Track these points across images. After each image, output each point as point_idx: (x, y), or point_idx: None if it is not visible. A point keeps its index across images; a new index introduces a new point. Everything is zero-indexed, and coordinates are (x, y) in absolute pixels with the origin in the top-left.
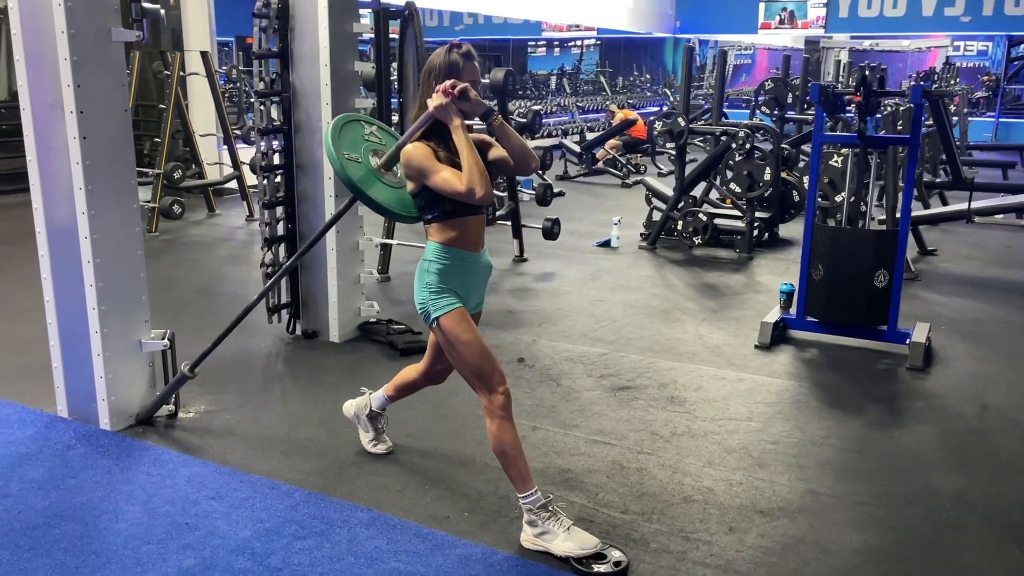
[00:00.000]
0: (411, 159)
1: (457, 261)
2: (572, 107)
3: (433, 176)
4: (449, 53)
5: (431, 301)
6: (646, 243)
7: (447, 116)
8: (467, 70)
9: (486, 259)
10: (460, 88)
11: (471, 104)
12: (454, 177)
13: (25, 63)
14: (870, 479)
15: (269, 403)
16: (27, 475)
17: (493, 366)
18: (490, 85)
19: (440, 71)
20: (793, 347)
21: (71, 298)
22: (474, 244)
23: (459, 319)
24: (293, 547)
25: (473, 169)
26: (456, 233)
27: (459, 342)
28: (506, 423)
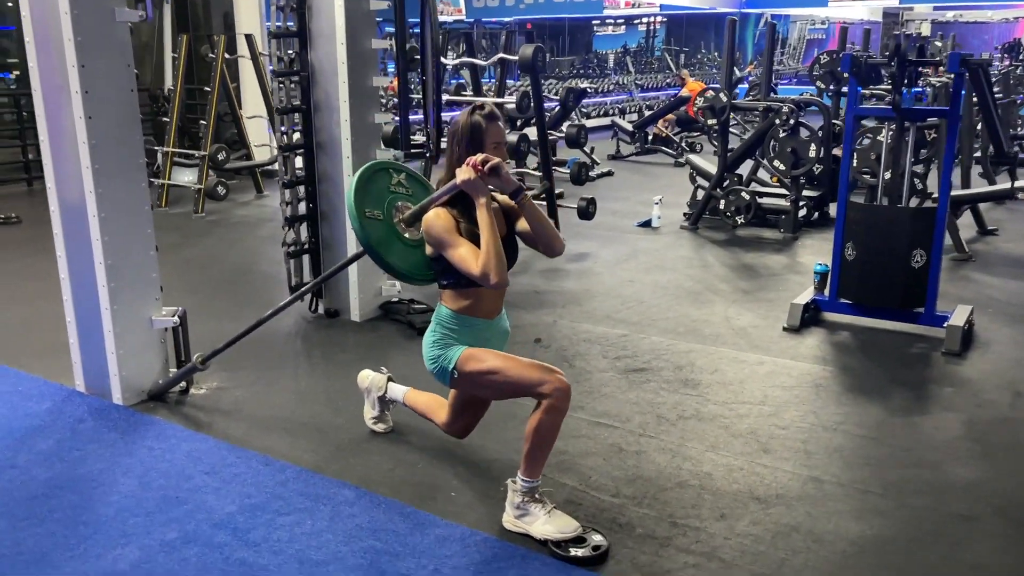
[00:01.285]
0: (431, 228)
1: (467, 328)
2: (631, 86)
3: (450, 250)
4: (472, 115)
5: (441, 356)
6: (688, 223)
7: (474, 192)
8: (490, 132)
9: (503, 326)
10: (491, 165)
11: (500, 181)
12: (471, 256)
13: (34, 45)
14: (880, 467)
15: (280, 380)
16: (36, 447)
17: (538, 370)
18: (519, 62)
19: (463, 134)
20: (824, 330)
21: (84, 276)
22: (489, 312)
23: (474, 355)
24: (275, 523)
25: (490, 254)
26: (470, 302)
27: (487, 373)
28: (559, 416)
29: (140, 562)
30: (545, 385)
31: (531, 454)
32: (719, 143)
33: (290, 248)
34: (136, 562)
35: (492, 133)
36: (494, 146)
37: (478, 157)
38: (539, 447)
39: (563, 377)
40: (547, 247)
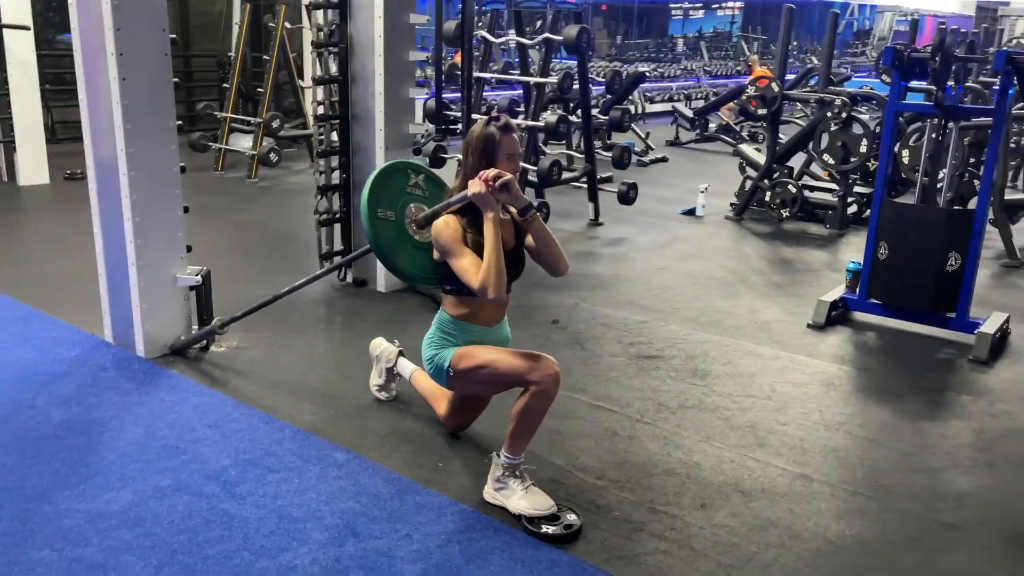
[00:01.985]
0: (439, 235)
1: (465, 334)
2: (699, 71)
3: (454, 259)
4: (486, 127)
5: (437, 355)
6: (733, 214)
7: (483, 206)
8: (504, 144)
9: (503, 334)
10: (502, 181)
11: (510, 197)
12: (473, 269)
13: (76, 7)
14: (875, 470)
15: (297, 344)
16: (57, 391)
17: (526, 360)
18: (563, 43)
19: (477, 146)
20: (849, 329)
21: (114, 231)
22: (489, 320)
23: (467, 352)
24: (264, 479)
25: (491, 269)
26: (469, 310)
27: (479, 368)
28: (547, 400)
29: (131, 505)
30: (534, 372)
31: (515, 433)
32: (768, 134)
33: (322, 216)
34: (128, 505)
35: (506, 145)
36: (507, 157)
37: (491, 172)
38: (524, 428)
39: (553, 364)
40: (551, 267)
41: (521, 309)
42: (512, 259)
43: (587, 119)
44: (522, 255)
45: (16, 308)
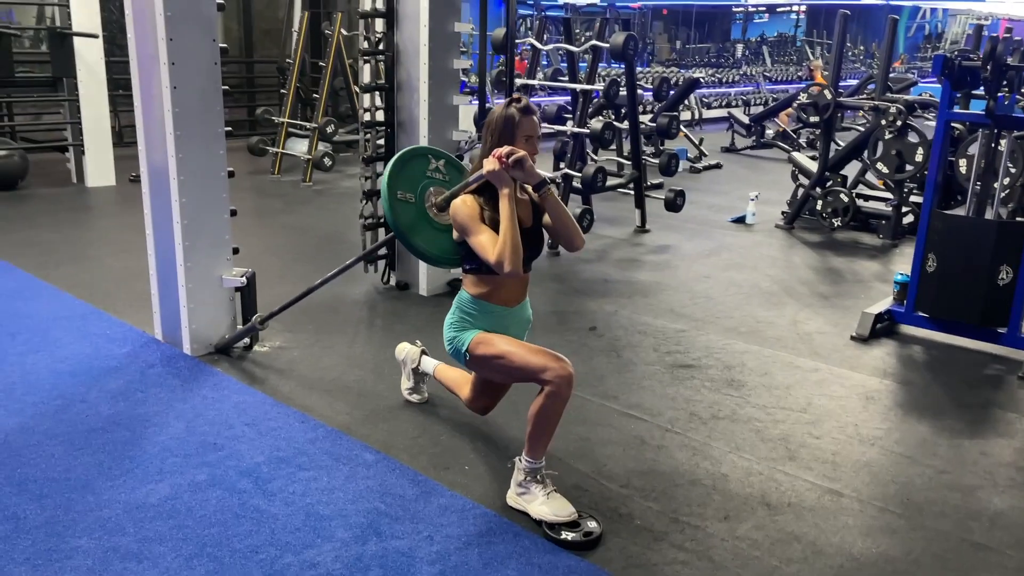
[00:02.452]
0: (457, 213)
1: (485, 314)
2: (759, 77)
3: (471, 237)
4: (507, 108)
5: (456, 339)
6: (784, 222)
7: (498, 183)
8: (523, 125)
9: (524, 314)
10: (515, 158)
11: (524, 173)
12: (490, 244)
13: (132, 17)
14: (908, 486)
15: (337, 345)
16: (107, 385)
17: (542, 357)
18: (610, 50)
19: (496, 126)
20: (895, 342)
21: (164, 233)
22: (508, 300)
23: (486, 340)
24: (295, 476)
25: (507, 243)
26: (489, 289)
27: (495, 358)
28: (561, 402)
29: (168, 498)
30: (547, 372)
31: (533, 436)
32: (821, 142)
33: (366, 221)
34: (164, 497)
35: (525, 126)
36: (526, 139)
37: (504, 149)
38: (540, 430)
39: (567, 365)
40: (567, 242)
41: (559, 315)
42: (530, 237)
43: (634, 125)
44: (540, 233)
45: (76, 306)
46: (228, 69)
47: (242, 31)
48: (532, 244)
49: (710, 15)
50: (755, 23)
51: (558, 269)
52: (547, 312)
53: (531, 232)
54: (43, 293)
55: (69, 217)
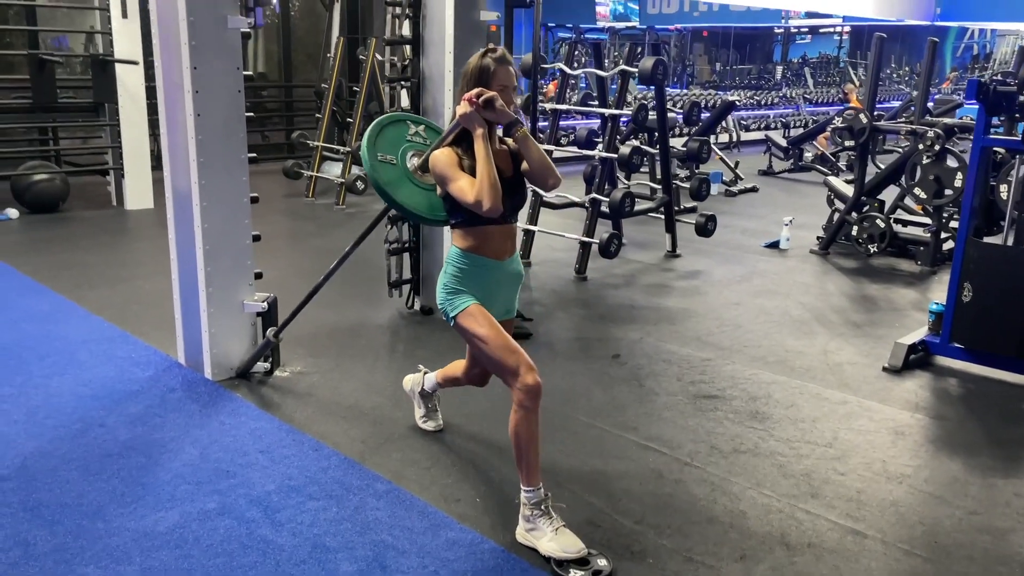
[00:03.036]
0: (435, 164)
1: (476, 268)
2: (799, 99)
3: (451, 184)
4: (483, 58)
5: (447, 301)
6: (819, 247)
7: (470, 125)
8: (498, 75)
9: (514, 268)
10: (485, 98)
11: (495, 113)
12: (468, 187)
13: (159, 46)
14: (936, 528)
15: (356, 370)
16: (127, 410)
17: (517, 358)
18: (638, 74)
19: (471, 76)
20: (929, 374)
21: (187, 258)
22: (497, 252)
23: (475, 314)
24: (304, 506)
25: (484, 181)
26: (476, 241)
27: (476, 337)
28: (530, 416)
29: (176, 526)
30: (515, 379)
31: (518, 461)
32: (857, 166)
33: (391, 246)
34: (173, 526)
35: (500, 76)
36: (501, 88)
37: (473, 91)
38: (522, 451)
39: (535, 376)
40: (541, 181)
41: (583, 342)
42: (512, 186)
43: (664, 149)
44: (522, 182)
45: (105, 328)
46: (269, 93)
47: (282, 56)
48: (514, 192)
49: (751, 36)
50: (797, 44)
51: (584, 294)
52: (570, 339)
53: (512, 181)
54: (74, 316)
55: (107, 239)
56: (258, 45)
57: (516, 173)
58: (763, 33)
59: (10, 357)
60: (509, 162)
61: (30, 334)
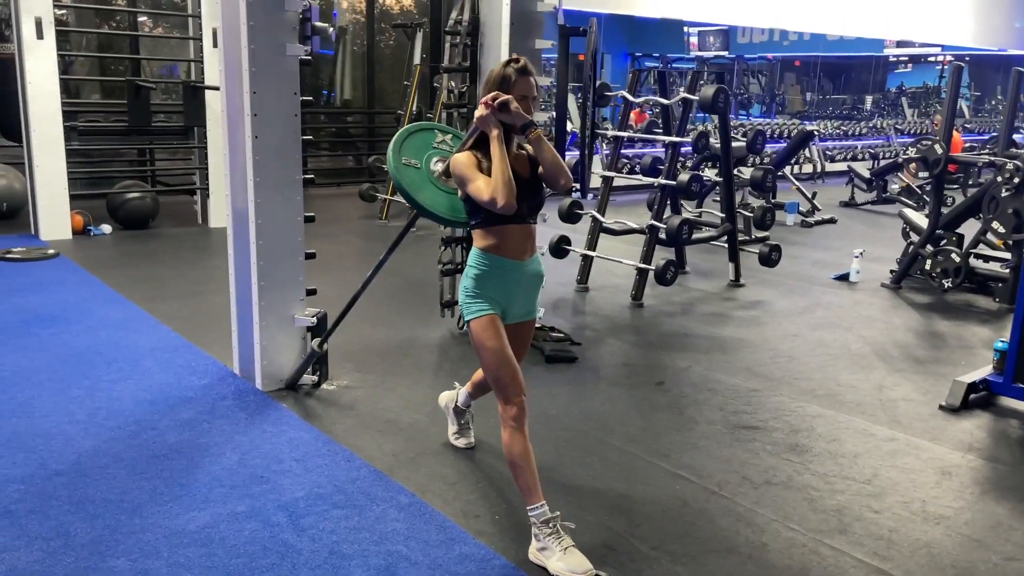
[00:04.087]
0: (455, 166)
1: (495, 268)
2: (889, 129)
3: (469, 184)
4: (505, 67)
5: (465, 305)
6: (891, 281)
7: (486, 127)
8: (518, 84)
9: (534, 268)
10: (500, 101)
11: (511, 116)
12: (485, 185)
13: (224, 73)
14: (968, 572)
15: (399, 386)
16: (179, 415)
17: (512, 377)
18: (699, 102)
19: (492, 83)
20: (990, 415)
21: (244, 273)
22: (516, 252)
23: (487, 325)
24: (328, 514)
25: (498, 179)
26: (496, 240)
27: (483, 347)
28: (517, 434)
29: (206, 526)
30: (504, 398)
31: (517, 481)
32: (932, 199)
33: (445, 266)
34: (203, 525)
35: (520, 86)
36: (521, 98)
37: (490, 95)
38: (516, 470)
39: (521, 399)
40: (553, 181)
41: (628, 368)
42: (529, 188)
43: (728, 178)
44: (540, 184)
45: (171, 338)
46: (354, 119)
47: (366, 83)
48: (532, 194)
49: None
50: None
51: (638, 321)
52: (616, 364)
53: (529, 183)
54: (146, 325)
55: (187, 255)
56: (345, 73)
57: (534, 175)
58: (859, 63)
59: (82, 362)
60: (527, 165)
61: (104, 341)
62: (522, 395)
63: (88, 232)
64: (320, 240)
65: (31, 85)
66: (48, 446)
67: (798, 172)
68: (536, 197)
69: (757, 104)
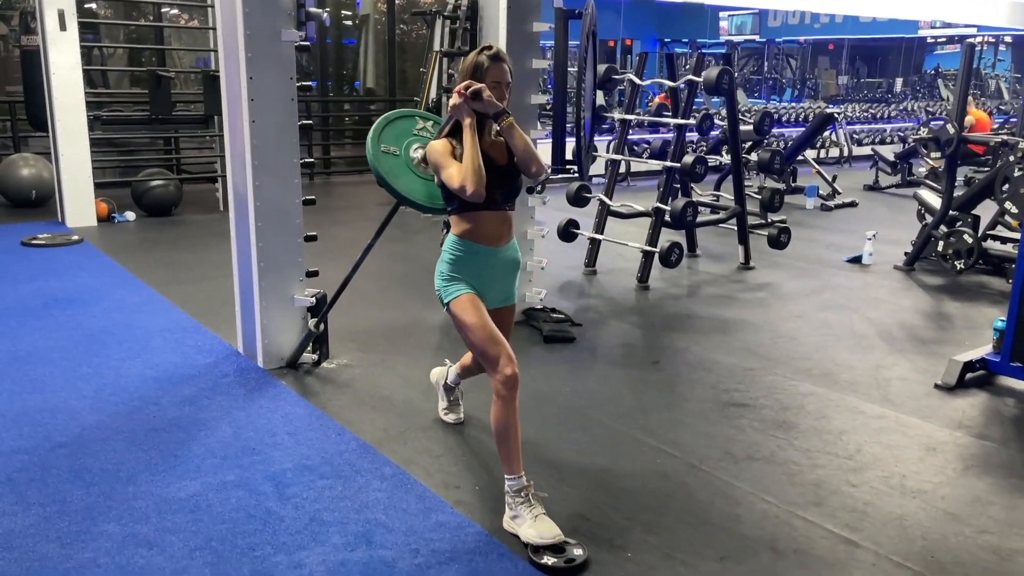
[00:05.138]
0: (431, 153)
1: (470, 254)
2: (920, 112)
3: (443, 171)
4: (478, 55)
5: (442, 288)
6: (904, 263)
7: (459, 115)
8: (491, 71)
9: (509, 255)
10: (472, 89)
11: (483, 104)
12: (456, 173)
13: (223, 59)
14: (939, 544)
15: (398, 365)
16: (181, 391)
17: (499, 349)
18: (703, 85)
19: (466, 71)
20: (986, 394)
21: (245, 255)
22: (490, 239)
23: (465, 304)
24: (313, 484)
25: (468, 167)
26: (471, 226)
27: (464, 325)
28: (508, 405)
29: (195, 494)
30: (494, 369)
31: (500, 450)
32: (945, 179)
33: None
34: (193, 493)
35: (493, 72)
36: (494, 84)
37: (464, 84)
38: (501, 441)
39: (514, 368)
40: (524, 167)
41: (626, 348)
42: (506, 174)
43: (736, 160)
44: (516, 171)
45: (182, 320)
46: (376, 108)
47: (388, 72)
48: (508, 180)
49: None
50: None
51: (642, 303)
52: (615, 345)
53: (505, 169)
54: (159, 307)
55: (206, 240)
56: (368, 62)
57: (511, 162)
58: (896, 45)
59: (94, 342)
60: (504, 152)
61: (117, 322)
62: (512, 366)
63: (112, 219)
64: (337, 227)
65: (55, 76)
66: (54, 420)
67: (824, 156)
68: (512, 184)
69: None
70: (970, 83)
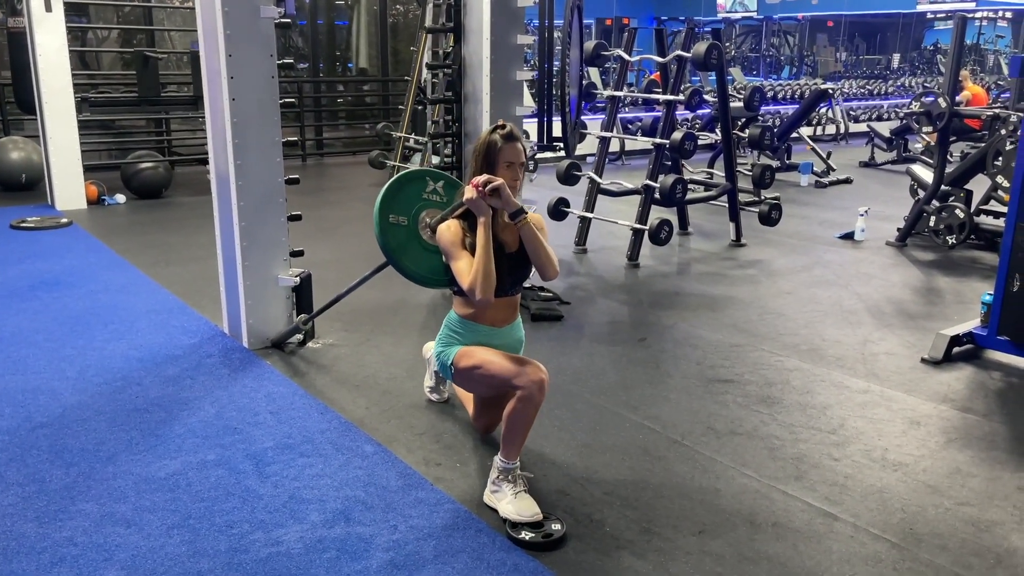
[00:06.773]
0: (441, 238)
1: (472, 334)
2: (918, 88)
3: (452, 262)
4: (491, 133)
5: (443, 353)
6: (896, 239)
7: (476, 211)
8: (505, 152)
9: (514, 335)
10: (491, 187)
11: (501, 201)
12: (466, 270)
13: (202, 36)
14: (916, 516)
15: (383, 345)
16: (164, 371)
17: (524, 362)
18: (692, 59)
19: (480, 152)
20: (973, 368)
21: (228, 235)
22: (495, 321)
23: (470, 349)
24: (294, 462)
25: (479, 271)
26: (475, 310)
27: (477, 368)
28: (529, 405)
29: (174, 473)
30: (519, 377)
31: (507, 438)
32: (937, 154)
33: None
34: (172, 473)
35: (506, 153)
36: (507, 165)
37: (481, 178)
38: (513, 433)
39: (538, 371)
40: (540, 271)
41: (613, 326)
42: (516, 262)
43: (727, 137)
44: (527, 258)
45: (168, 300)
46: (370, 88)
47: (380, 52)
48: (518, 267)
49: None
50: (933, 31)
51: (631, 281)
52: (602, 322)
53: (516, 256)
54: (146, 289)
55: (195, 222)
56: (360, 42)
57: (522, 248)
58: (894, 21)
59: (79, 323)
60: (516, 236)
61: (103, 303)
62: (536, 367)
63: (103, 202)
64: (328, 207)
65: (41, 58)
66: (35, 401)
67: (821, 133)
68: (522, 270)
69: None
70: (962, 57)
